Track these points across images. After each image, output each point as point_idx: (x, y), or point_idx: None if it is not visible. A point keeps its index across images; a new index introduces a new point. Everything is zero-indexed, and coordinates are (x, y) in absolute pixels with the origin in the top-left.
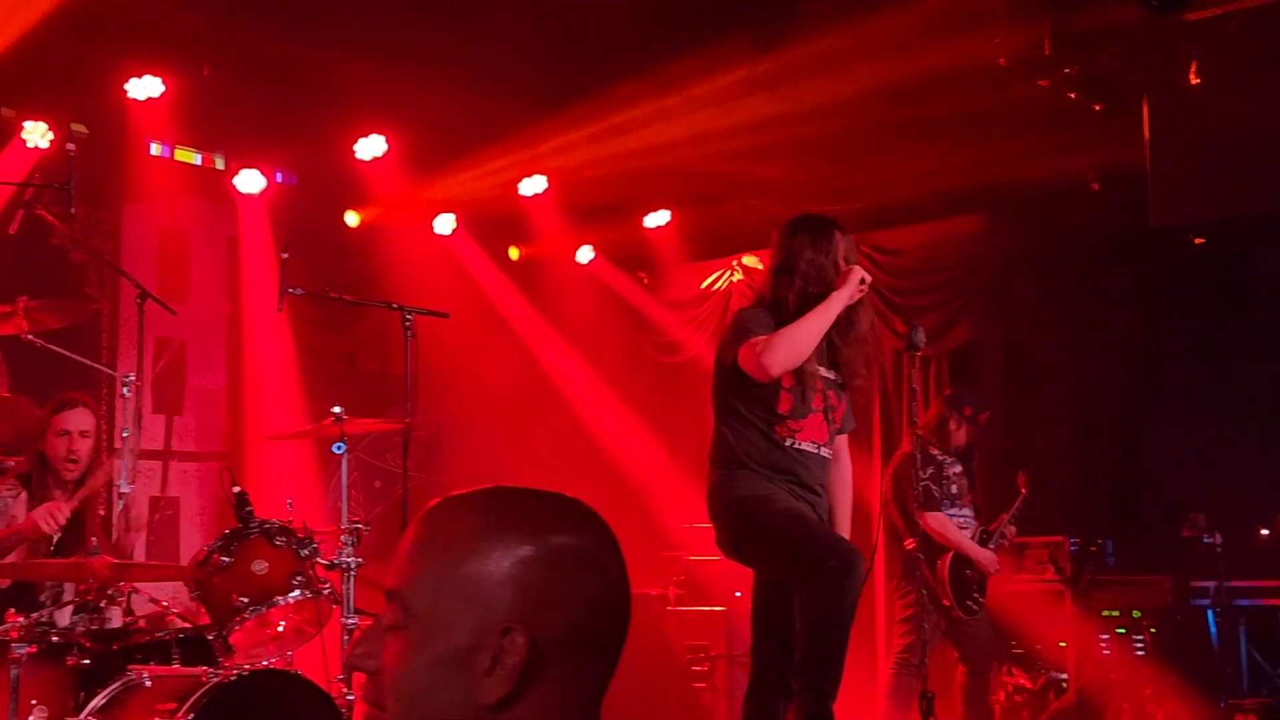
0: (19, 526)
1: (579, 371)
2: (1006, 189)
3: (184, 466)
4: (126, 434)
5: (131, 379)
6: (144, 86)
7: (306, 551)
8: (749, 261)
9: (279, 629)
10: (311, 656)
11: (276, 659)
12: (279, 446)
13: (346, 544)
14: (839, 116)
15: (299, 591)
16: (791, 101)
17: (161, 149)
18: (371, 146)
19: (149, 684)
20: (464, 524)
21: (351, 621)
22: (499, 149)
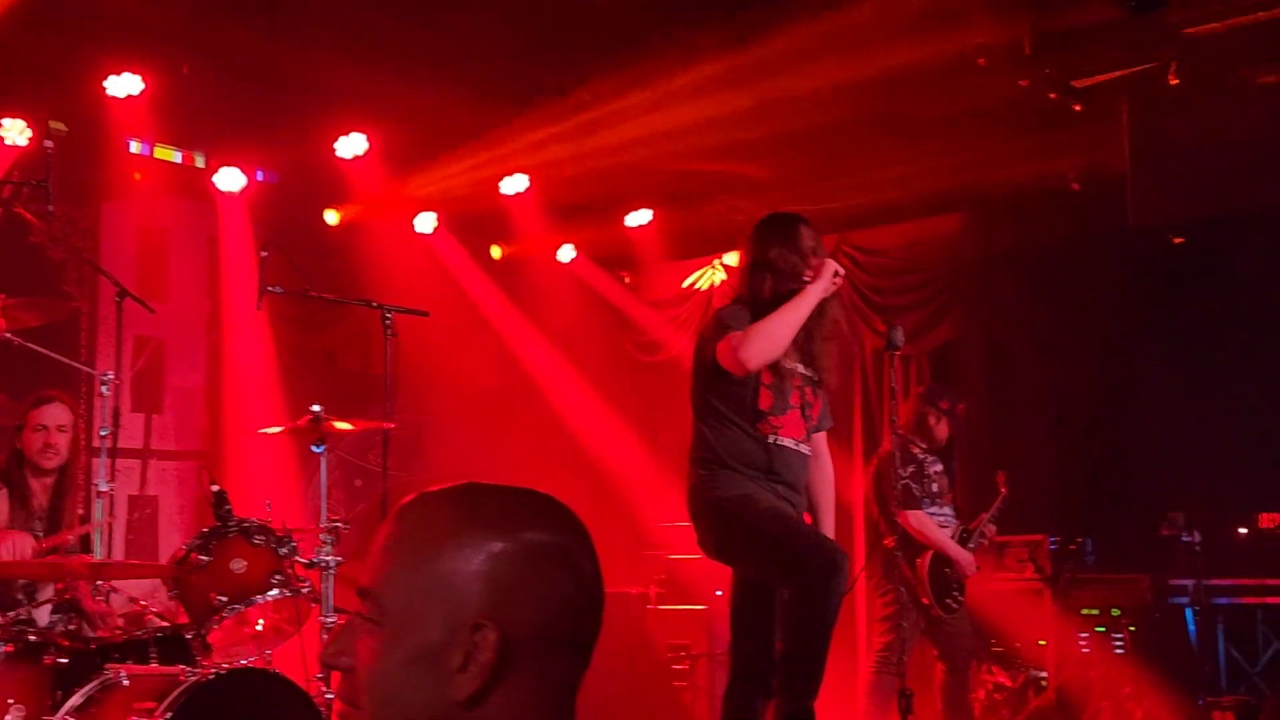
0: None
1: (560, 370)
2: (987, 188)
3: (163, 465)
4: (105, 433)
5: (110, 377)
6: (123, 84)
7: (285, 550)
8: (730, 261)
9: (257, 628)
10: (290, 655)
11: (255, 658)
12: (259, 445)
13: (325, 542)
14: (820, 116)
15: (277, 590)
16: (772, 101)
17: (141, 147)
18: (352, 145)
19: (127, 683)
20: (436, 520)
21: (330, 620)
22: (480, 147)
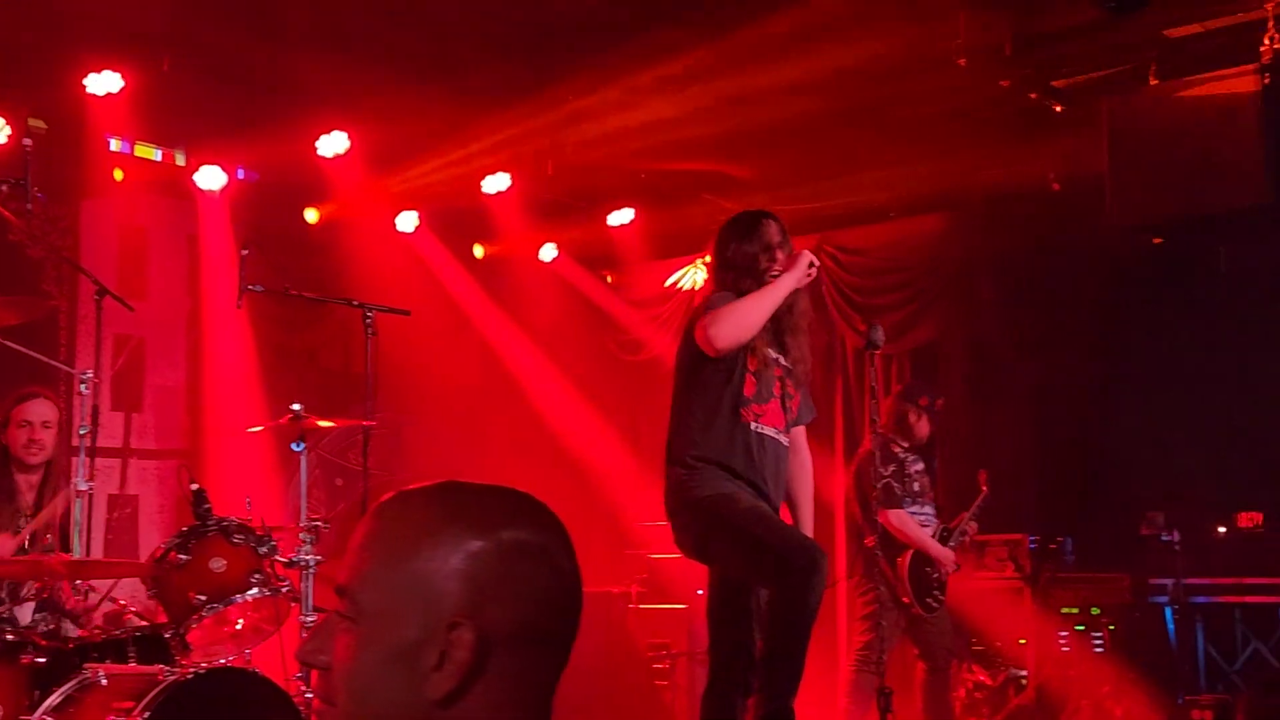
0: None
1: (542, 369)
2: (968, 188)
3: (143, 464)
4: (84, 431)
5: (89, 376)
6: (103, 82)
7: (265, 549)
8: None
9: (237, 627)
10: (270, 654)
11: (234, 657)
12: (239, 444)
13: (305, 541)
14: (801, 116)
15: (257, 589)
16: (753, 101)
17: (121, 145)
18: (333, 143)
19: (105, 682)
20: (414, 519)
21: (310, 619)
22: (461, 145)
